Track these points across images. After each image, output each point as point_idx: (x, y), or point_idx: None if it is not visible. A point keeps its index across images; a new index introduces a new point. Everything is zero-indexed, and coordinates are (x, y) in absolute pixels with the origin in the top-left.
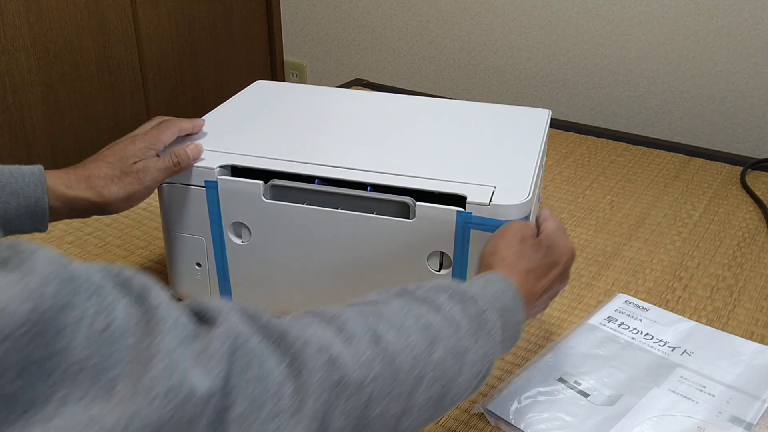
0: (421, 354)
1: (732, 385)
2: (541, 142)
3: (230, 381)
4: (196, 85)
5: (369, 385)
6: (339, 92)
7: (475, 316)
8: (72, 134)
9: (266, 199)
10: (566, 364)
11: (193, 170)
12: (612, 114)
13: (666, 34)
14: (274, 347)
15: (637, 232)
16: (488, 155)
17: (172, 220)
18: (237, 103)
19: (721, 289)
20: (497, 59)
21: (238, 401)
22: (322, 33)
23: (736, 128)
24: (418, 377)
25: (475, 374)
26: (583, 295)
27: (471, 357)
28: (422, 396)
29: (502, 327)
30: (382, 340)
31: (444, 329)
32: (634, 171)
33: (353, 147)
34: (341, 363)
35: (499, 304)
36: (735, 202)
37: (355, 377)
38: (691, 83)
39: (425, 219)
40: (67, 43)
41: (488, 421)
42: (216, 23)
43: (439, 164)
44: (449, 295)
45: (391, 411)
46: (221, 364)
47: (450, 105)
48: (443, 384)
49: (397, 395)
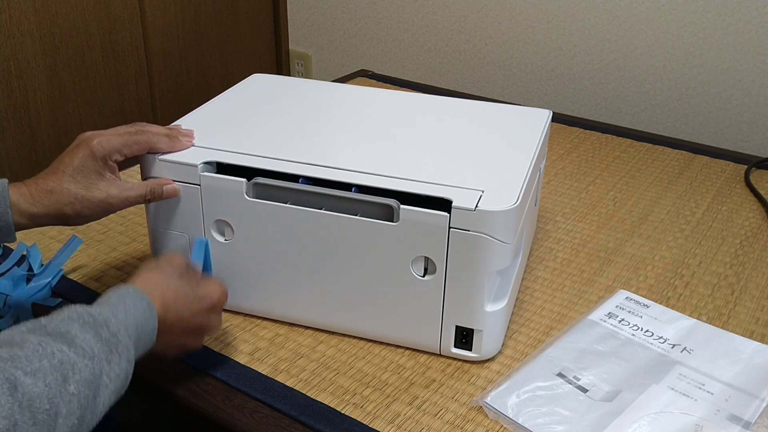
0: (56, 392)
1: (731, 383)
2: (537, 144)
3: None
4: (200, 73)
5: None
6: (334, 87)
7: (107, 340)
8: (76, 119)
9: (249, 197)
10: (566, 359)
11: (177, 166)
12: (617, 110)
13: (673, 30)
14: None
15: (639, 228)
16: (480, 157)
17: (156, 216)
18: (230, 97)
19: (722, 287)
20: (503, 52)
21: None
22: (328, 23)
23: (741, 126)
24: (55, 414)
25: (110, 393)
26: (584, 291)
27: (105, 380)
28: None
29: (136, 340)
30: (18, 389)
31: (78, 362)
32: (637, 167)
33: (341, 146)
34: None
35: (132, 320)
36: (738, 201)
37: None
38: (697, 80)
39: (410, 223)
40: (72, 28)
41: (486, 414)
42: (222, 11)
43: (428, 166)
44: (81, 324)
45: None
46: None
47: (446, 103)
48: (79, 415)
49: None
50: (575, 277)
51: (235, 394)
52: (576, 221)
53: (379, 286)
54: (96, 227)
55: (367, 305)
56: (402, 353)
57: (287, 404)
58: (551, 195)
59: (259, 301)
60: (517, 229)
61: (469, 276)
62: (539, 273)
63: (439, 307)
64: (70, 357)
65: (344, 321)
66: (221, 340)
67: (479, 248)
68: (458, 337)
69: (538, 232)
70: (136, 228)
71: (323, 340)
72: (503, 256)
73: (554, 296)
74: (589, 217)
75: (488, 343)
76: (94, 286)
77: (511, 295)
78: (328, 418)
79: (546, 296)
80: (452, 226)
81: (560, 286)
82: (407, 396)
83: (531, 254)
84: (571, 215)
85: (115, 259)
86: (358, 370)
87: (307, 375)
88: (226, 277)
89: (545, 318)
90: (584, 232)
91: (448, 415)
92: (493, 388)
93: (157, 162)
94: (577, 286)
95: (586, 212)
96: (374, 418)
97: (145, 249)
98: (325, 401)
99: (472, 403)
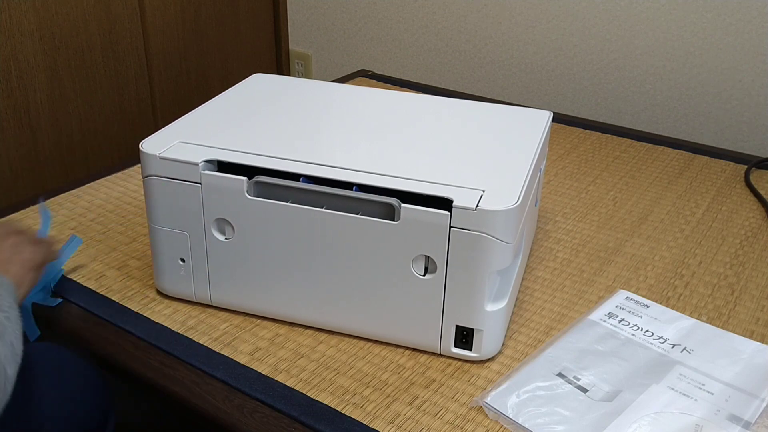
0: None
1: (731, 383)
2: (537, 145)
3: None
4: (200, 73)
5: None
6: (335, 87)
7: None
8: (77, 119)
9: (249, 196)
10: (566, 359)
11: (178, 165)
12: (617, 110)
13: (673, 30)
14: None
15: (639, 228)
16: (481, 157)
17: (156, 213)
18: (230, 96)
19: (722, 287)
20: (503, 52)
21: None
22: (328, 23)
23: (741, 126)
24: None
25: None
26: (584, 291)
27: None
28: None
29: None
30: None
31: None
32: (637, 167)
33: (342, 145)
34: None
35: None
36: (738, 201)
37: None
38: (697, 80)
39: (410, 222)
40: (72, 28)
41: (487, 414)
42: (222, 11)
43: (429, 165)
44: None
45: None
46: None
47: (446, 103)
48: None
49: None
50: (575, 277)
51: (235, 394)
52: (576, 221)
53: (380, 285)
54: (96, 227)
55: (367, 304)
56: (402, 353)
57: (287, 404)
58: (551, 195)
59: (260, 300)
60: (517, 229)
61: (469, 275)
62: (539, 273)
63: (440, 307)
64: None
65: (344, 320)
66: (221, 340)
67: (480, 248)
68: (458, 337)
69: (539, 232)
70: (136, 228)
71: (323, 340)
72: (504, 255)
73: (554, 296)
74: (589, 217)
75: (488, 343)
76: (94, 286)
77: (512, 295)
78: (328, 418)
79: (546, 296)
80: (453, 226)
81: (560, 286)
82: (407, 396)
83: (531, 254)
84: (571, 215)
85: (115, 259)
86: (358, 370)
87: (307, 375)
88: (227, 276)
89: (545, 318)
90: (584, 232)
91: (448, 415)
92: (493, 388)
93: (158, 160)
94: (577, 286)
95: (586, 212)
96: (374, 418)
97: (146, 249)
98: (325, 401)
99: (472, 403)
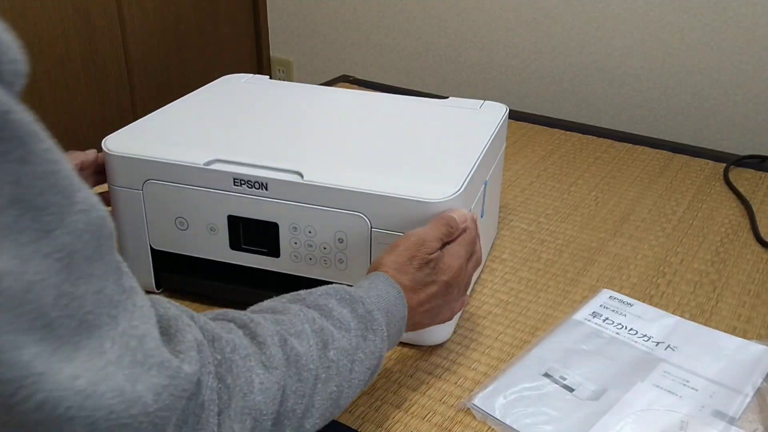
0: (317, 356)
1: (715, 379)
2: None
3: None
4: (182, 82)
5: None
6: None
7: (362, 317)
8: (57, 130)
9: None
10: (551, 360)
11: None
12: (597, 111)
13: (651, 31)
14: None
15: (621, 228)
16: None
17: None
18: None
19: (704, 284)
20: (483, 56)
21: None
22: (309, 29)
23: (719, 125)
24: (315, 378)
25: (365, 370)
26: (568, 291)
27: (360, 355)
28: (320, 394)
29: (387, 324)
30: (287, 344)
31: (335, 332)
32: (618, 168)
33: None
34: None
35: (384, 303)
36: (718, 199)
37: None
38: (675, 81)
39: None
40: (51, 38)
41: (474, 416)
42: (202, 19)
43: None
44: (338, 299)
45: (297, 409)
46: None
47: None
48: (337, 383)
49: (302, 394)
50: (559, 278)
51: None
52: (559, 222)
53: None
54: None
55: None
56: (390, 356)
57: None
58: (534, 196)
59: None
60: None
61: None
62: (523, 274)
63: None
64: (328, 326)
65: None
66: None
67: None
68: None
69: (522, 234)
70: None
71: None
72: None
73: (539, 297)
74: (571, 217)
75: None
76: None
77: None
78: None
79: (531, 297)
80: None
81: (544, 286)
82: (396, 398)
83: (515, 255)
84: (553, 216)
85: None
86: None
87: None
88: None
89: (530, 319)
90: (567, 232)
91: (437, 418)
92: (480, 390)
93: None
94: (561, 286)
95: (569, 213)
96: (363, 421)
97: None
98: None
99: (459, 405)
